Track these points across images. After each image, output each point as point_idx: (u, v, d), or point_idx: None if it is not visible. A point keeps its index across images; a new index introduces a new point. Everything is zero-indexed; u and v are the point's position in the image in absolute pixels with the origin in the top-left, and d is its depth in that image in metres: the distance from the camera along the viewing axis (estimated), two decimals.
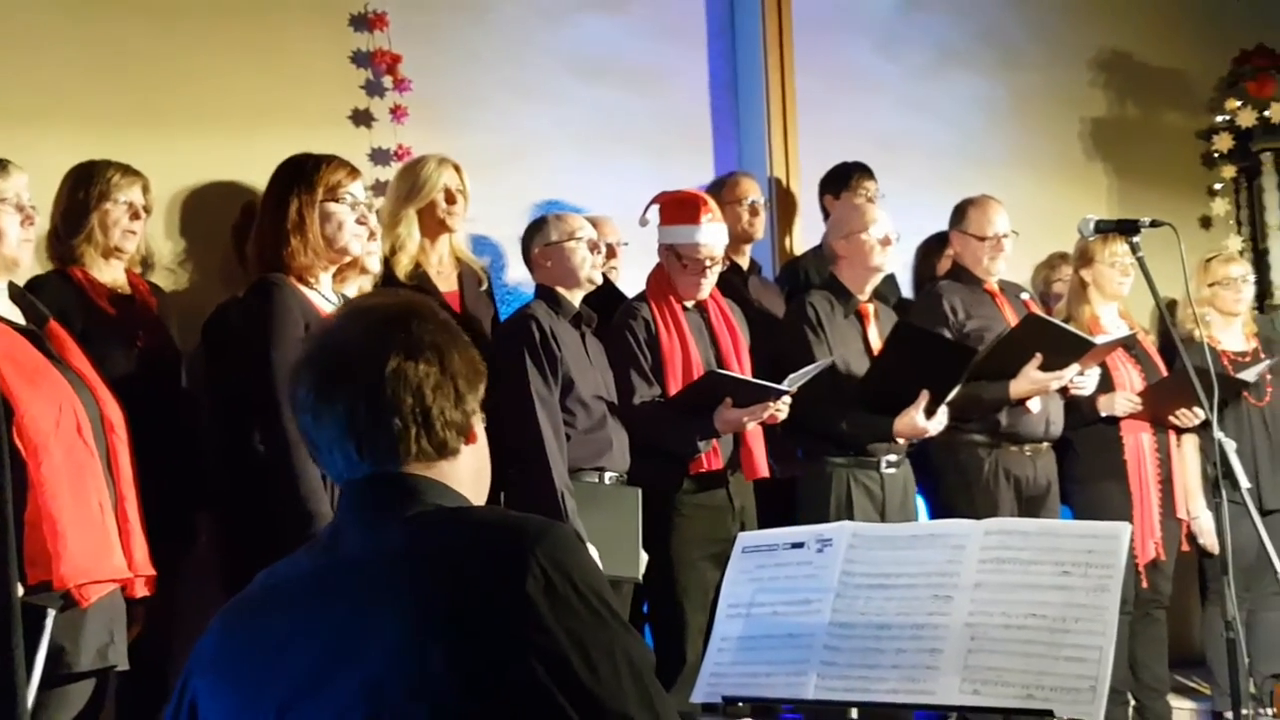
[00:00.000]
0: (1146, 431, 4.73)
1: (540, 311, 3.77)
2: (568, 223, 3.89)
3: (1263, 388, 4.98)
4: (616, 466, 3.80)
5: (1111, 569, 2.20)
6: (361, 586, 1.46)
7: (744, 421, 3.86)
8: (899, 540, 2.43)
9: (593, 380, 3.79)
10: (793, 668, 2.33)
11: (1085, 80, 6.57)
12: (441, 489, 1.55)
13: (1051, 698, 2.12)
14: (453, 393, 1.56)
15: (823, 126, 5.46)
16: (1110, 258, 4.73)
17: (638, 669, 1.41)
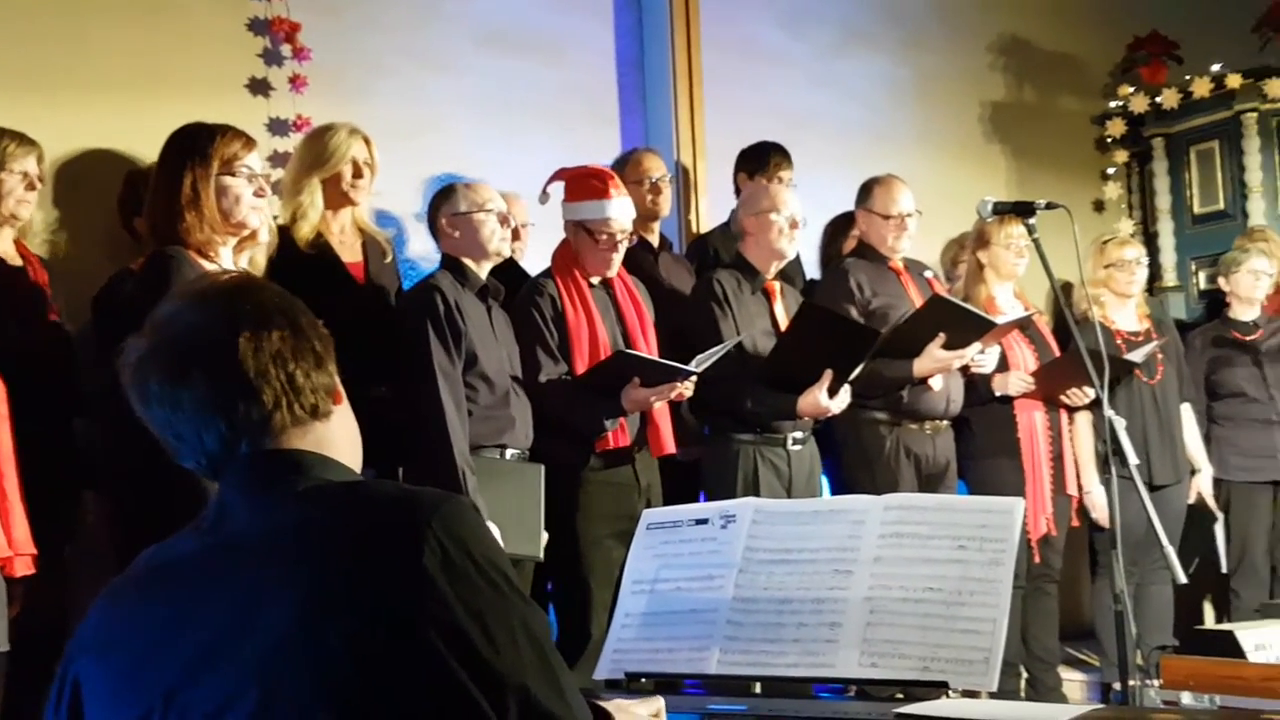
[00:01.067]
0: (1040, 410, 4.83)
1: (445, 283, 3.72)
2: (478, 193, 3.84)
3: (1153, 366, 5.11)
4: (519, 444, 3.78)
5: (1005, 543, 2.25)
6: (252, 565, 1.43)
7: (651, 401, 3.87)
8: (801, 516, 2.45)
9: (497, 355, 3.76)
10: (696, 643, 2.34)
11: (986, 64, 6.68)
12: (328, 463, 1.53)
13: (947, 669, 2.15)
14: (312, 355, 1.53)
15: (730, 103, 5.48)
16: (1006, 239, 4.82)
17: (537, 641, 1.41)
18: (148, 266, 3.02)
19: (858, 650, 2.23)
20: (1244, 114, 6.22)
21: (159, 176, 3.11)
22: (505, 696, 1.35)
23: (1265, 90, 6.15)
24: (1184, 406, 5.28)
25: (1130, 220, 6.70)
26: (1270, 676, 3.13)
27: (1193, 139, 6.49)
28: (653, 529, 2.56)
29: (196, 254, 3.02)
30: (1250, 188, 6.20)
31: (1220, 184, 6.36)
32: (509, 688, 1.36)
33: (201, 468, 1.54)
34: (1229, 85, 6.21)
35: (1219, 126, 6.37)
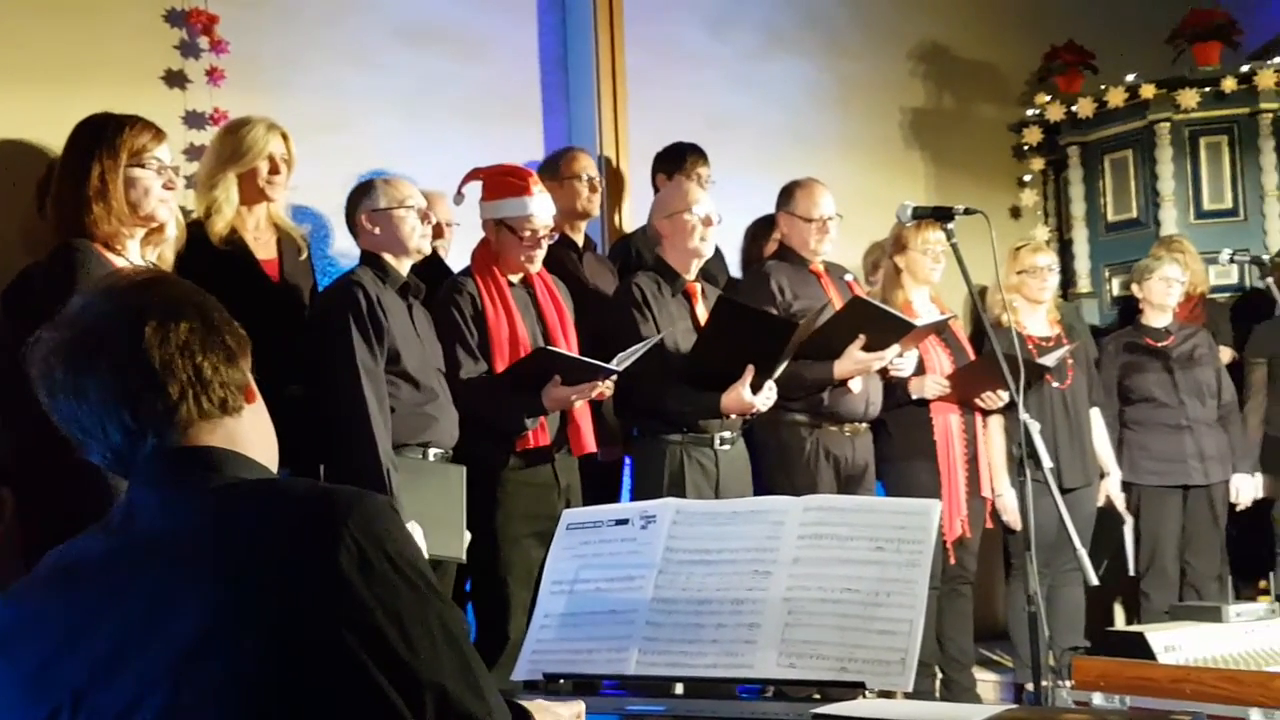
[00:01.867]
0: (955, 413, 4.88)
1: (366, 279, 3.67)
2: (397, 189, 3.79)
3: (1064, 371, 5.19)
4: (443, 443, 3.74)
5: (922, 544, 2.26)
6: (162, 565, 1.40)
7: (572, 400, 3.85)
8: (721, 517, 2.45)
9: (419, 353, 3.72)
10: (615, 644, 2.33)
11: (906, 70, 6.75)
12: (241, 460, 1.50)
13: (864, 670, 2.16)
14: (223, 349, 1.50)
15: (653, 104, 5.48)
16: (923, 244, 4.87)
17: (455, 641, 1.40)
18: (53, 259, 2.96)
19: (776, 651, 2.23)
20: (1157, 124, 6.35)
21: (65, 167, 3.04)
22: (422, 697, 1.34)
23: (1178, 101, 6.28)
24: (1093, 411, 5.38)
25: (1046, 227, 6.81)
26: (1179, 678, 3.19)
27: (1107, 148, 6.61)
28: (573, 529, 2.54)
29: (103, 247, 2.96)
30: (1163, 196, 6.32)
31: (1133, 192, 6.49)
32: (426, 688, 1.34)
33: (108, 462, 1.51)
34: (1143, 95, 6.34)
35: (1133, 136, 6.49)
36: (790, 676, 2.21)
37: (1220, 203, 6.36)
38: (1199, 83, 6.30)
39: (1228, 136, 6.36)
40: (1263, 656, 3.27)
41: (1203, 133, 6.38)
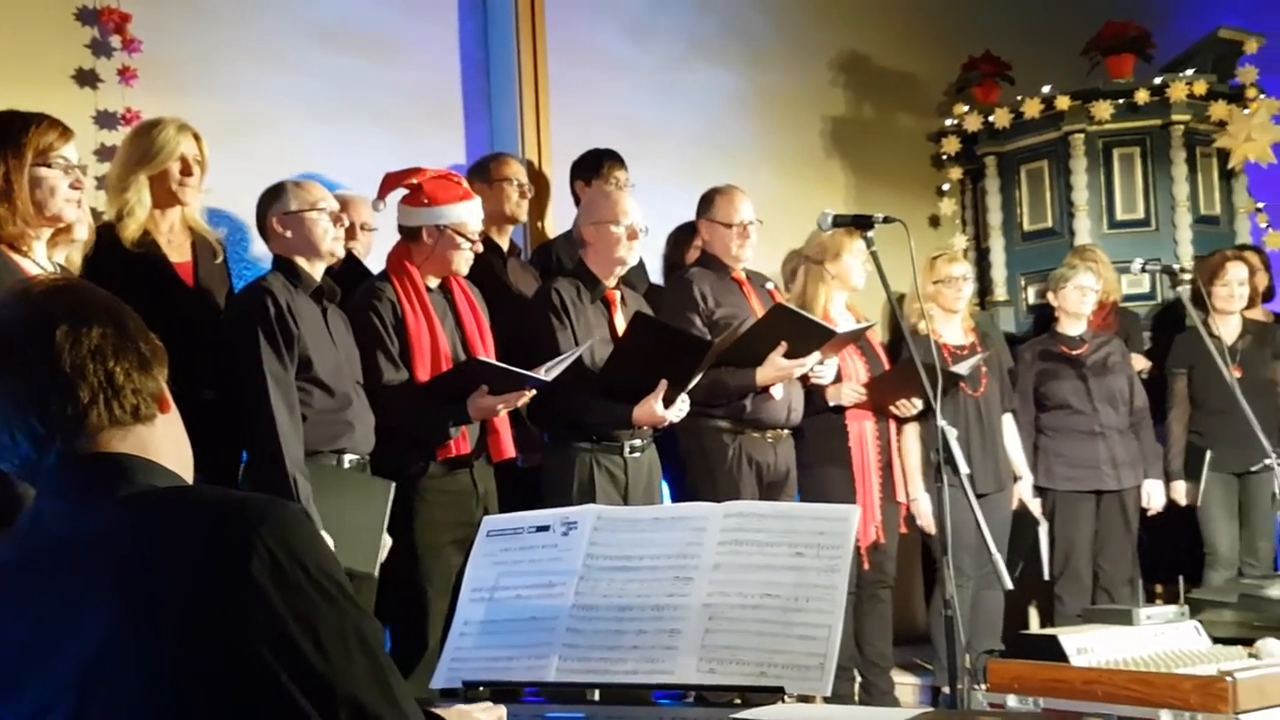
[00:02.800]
0: (870, 420, 4.93)
1: (276, 284, 3.61)
2: (309, 191, 3.73)
3: (978, 379, 5.26)
4: (358, 449, 3.70)
5: (841, 550, 2.28)
6: (69, 574, 1.37)
7: (498, 409, 3.83)
8: (642, 523, 2.45)
9: (333, 358, 3.67)
10: (535, 651, 2.32)
11: (826, 80, 6.81)
12: (152, 468, 1.47)
13: (783, 675, 2.17)
14: (136, 356, 1.48)
15: (575, 110, 5.47)
16: (852, 251, 4.90)
17: (370, 650, 1.38)
18: None
19: (696, 657, 2.23)
20: (1072, 135, 6.46)
21: None
22: (336, 706, 1.32)
23: (1092, 112, 6.40)
24: (1005, 417, 5.45)
25: (964, 236, 6.90)
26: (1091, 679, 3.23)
27: (1023, 158, 6.71)
28: (493, 536, 2.53)
29: (9, 248, 2.88)
30: (1077, 207, 6.43)
31: (1049, 202, 6.60)
32: (340, 698, 1.32)
33: (16, 470, 1.47)
34: (1058, 106, 6.44)
35: (1048, 146, 6.60)
36: (710, 682, 2.21)
37: (1133, 213, 6.49)
38: (1113, 95, 6.42)
39: (1140, 148, 6.49)
40: (1172, 658, 3.32)
41: (1116, 144, 6.50)
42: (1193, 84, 6.35)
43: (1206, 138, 6.51)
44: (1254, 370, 5.58)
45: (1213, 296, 5.75)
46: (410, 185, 3.97)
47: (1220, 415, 5.39)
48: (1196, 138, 6.49)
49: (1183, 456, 5.65)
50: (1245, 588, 4.00)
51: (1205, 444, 5.57)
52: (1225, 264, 5.82)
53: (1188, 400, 5.71)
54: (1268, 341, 5.67)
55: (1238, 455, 5.41)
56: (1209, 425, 5.58)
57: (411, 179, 3.98)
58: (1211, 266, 5.87)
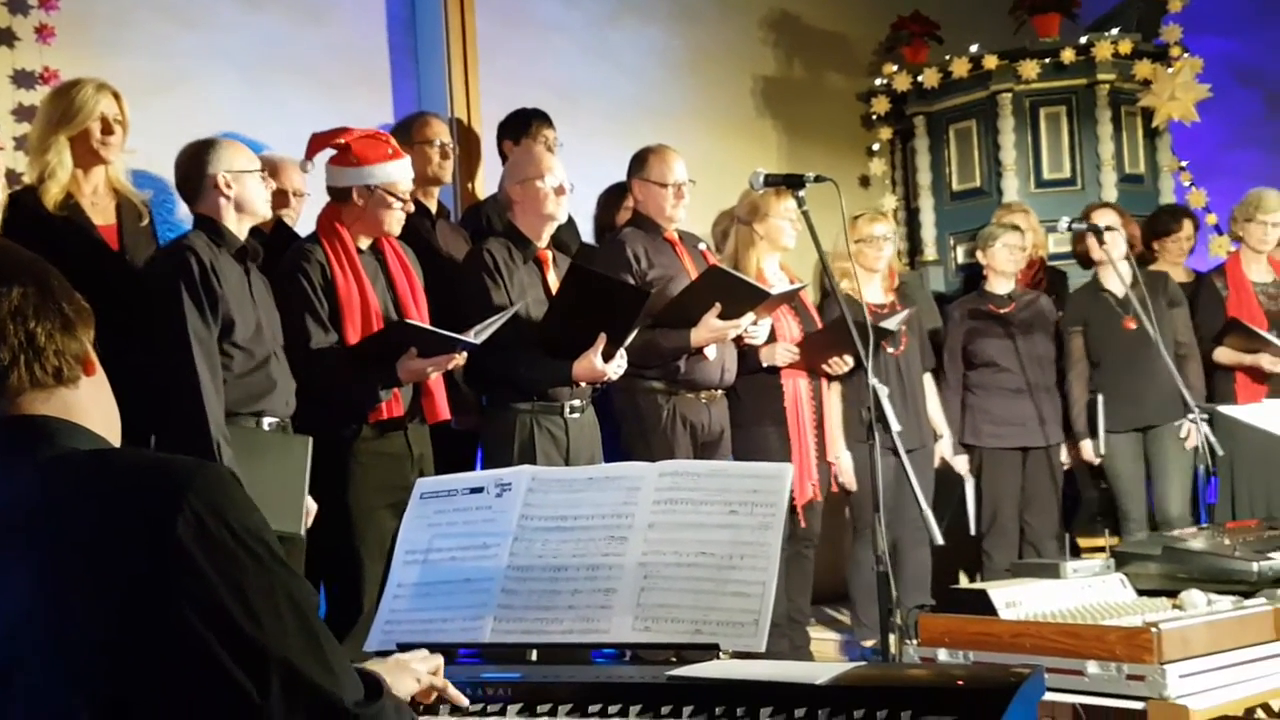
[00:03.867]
0: (803, 378, 4.96)
1: (199, 243, 3.55)
2: (242, 150, 3.67)
3: (898, 338, 5.30)
4: (278, 412, 3.65)
5: (775, 508, 2.29)
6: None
7: (428, 372, 3.80)
8: (576, 483, 2.44)
9: (254, 320, 3.61)
10: (470, 612, 2.32)
11: (756, 39, 6.79)
12: (76, 430, 1.45)
13: (718, 632, 2.18)
14: (59, 317, 1.45)
15: (504, 70, 5.42)
16: (785, 212, 4.91)
17: (301, 612, 1.37)
18: None
19: (631, 615, 2.24)
20: (999, 94, 6.51)
21: None
22: (267, 670, 1.31)
23: (1019, 71, 6.45)
24: (926, 376, 5.51)
25: (894, 196, 6.93)
26: (1020, 632, 3.28)
27: (952, 118, 6.75)
28: (426, 498, 2.51)
29: None
30: (1005, 166, 6.49)
31: (977, 162, 6.65)
32: (271, 661, 1.32)
33: None
34: (986, 66, 6.49)
35: (976, 106, 6.65)
36: (645, 640, 2.22)
37: (1059, 172, 6.56)
38: (1039, 54, 6.48)
39: (1066, 107, 6.56)
40: (1099, 610, 3.39)
41: (1043, 103, 6.57)
42: (1118, 43, 6.42)
43: (1131, 97, 6.58)
44: (1156, 319, 5.57)
45: (1165, 251, 5.88)
46: (338, 145, 3.92)
47: (1118, 371, 5.41)
48: (1121, 97, 6.56)
49: (1085, 415, 5.60)
50: (1169, 540, 4.08)
51: (1111, 402, 5.51)
52: (1182, 220, 5.93)
53: (1085, 358, 5.66)
54: (1160, 291, 5.57)
55: (1139, 411, 5.43)
56: (1107, 382, 5.55)
57: (339, 139, 3.92)
58: (1164, 222, 5.98)
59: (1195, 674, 3.10)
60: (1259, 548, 3.87)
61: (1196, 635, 3.17)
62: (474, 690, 2.08)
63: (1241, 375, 5.43)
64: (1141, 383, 5.21)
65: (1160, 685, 3.02)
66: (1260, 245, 5.52)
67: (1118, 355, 5.38)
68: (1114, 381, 5.49)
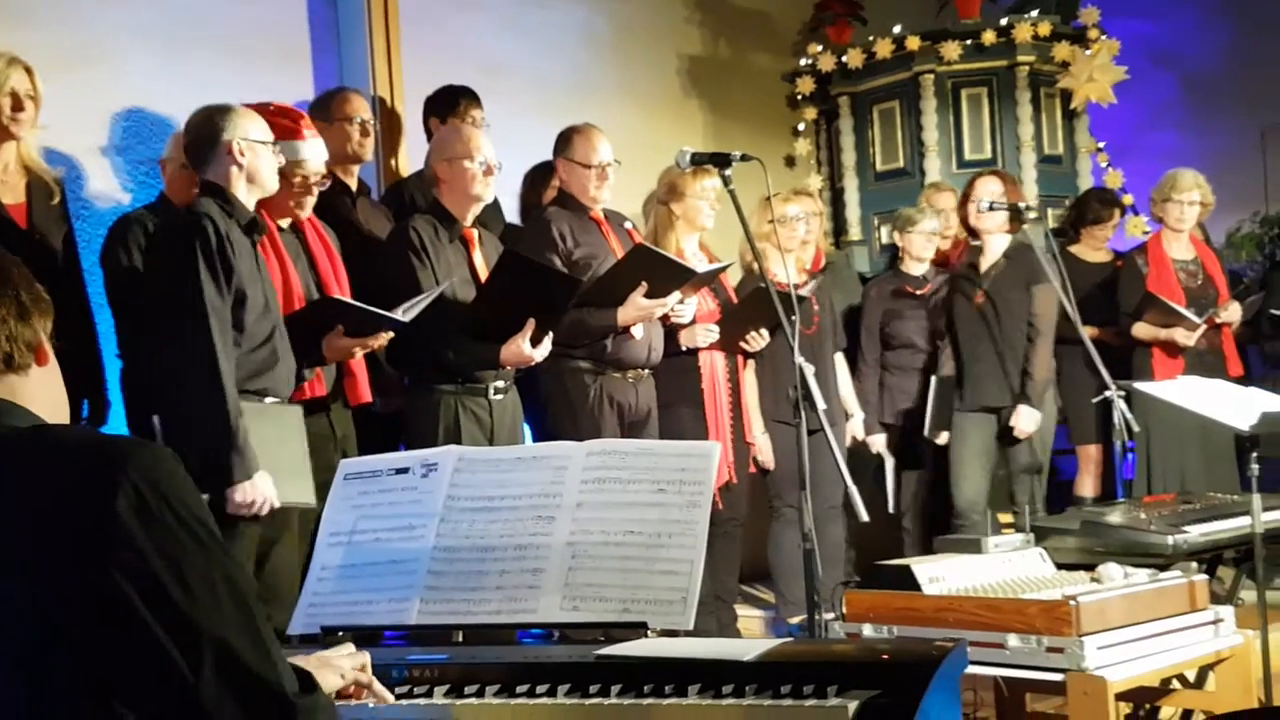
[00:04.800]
0: (721, 359, 4.97)
1: (214, 212, 3.42)
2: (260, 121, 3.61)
3: (810, 317, 5.32)
4: (279, 391, 3.57)
5: (703, 486, 2.30)
6: None
7: (354, 350, 3.75)
8: (503, 463, 2.44)
9: (261, 294, 3.52)
10: (396, 594, 2.30)
11: (682, 17, 6.78)
12: (19, 411, 1.46)
13: (646, 610, 2.19)
14: (15, 305, 1.46)
15: (427, 46, 5.36)
16: (700, 191, 4.91)
17: (239, 594, 1.38)
18: None
19: (559, 595, 2.24)
20: (922, 75, 6.55)
21: None
22: (200, 648, 1.32)
23: (941, 53, 6.50)
24: (837, 356, 5.54)
25: (819, 176, 6.96)
26: (943, 607, 3.33)
27: (876, 98, 6.79)
28: (350, 479, 2.48)
29: None
30: (928, 147, 6.54)
31: (900, 142, 6.70)
32: (205, 639, 1.33)
33: None
34: (909, 47, 6.52)
35: (899, 87, 6.69)
36: (573, 620, 2.22)
37: (980, 153, 6.62)
38: (961, 35, 6.52)
39: (987, 88, 6.62)
40: (1019, 584, 3.44)
41: (964, 84, 6.62)
42: (1037, 25, 6.49)
43: (1050, 78, 6.66)
44: (1006, 297, 5.28)
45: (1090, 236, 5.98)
46: None
47: (972, 349, 5.29)
48: (1041, 78, 6.64)
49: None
50: (1087, 514, 4.15)
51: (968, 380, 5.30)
52: (1114, 210, 6.05)
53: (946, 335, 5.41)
54: (1020, 264, 5.30)
55: (991, 390, 5.25)
56: (960, 361, 5.33)
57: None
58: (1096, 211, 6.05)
59: (1113, 645, 3.16)
60: (1174, 521, 3.96)
61: (1114, 608, 3.24)
62: (400, 672, 2.07)
63: (1159, 351, 5.51)
64: (994, 360, 5.22)
65: (1079, 657, 3.08)
66: (1178, 224, 5.62)
67: (968, 334, 5.36)
68: (967, 359, 5.34)
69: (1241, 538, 3.97)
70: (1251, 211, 7.64)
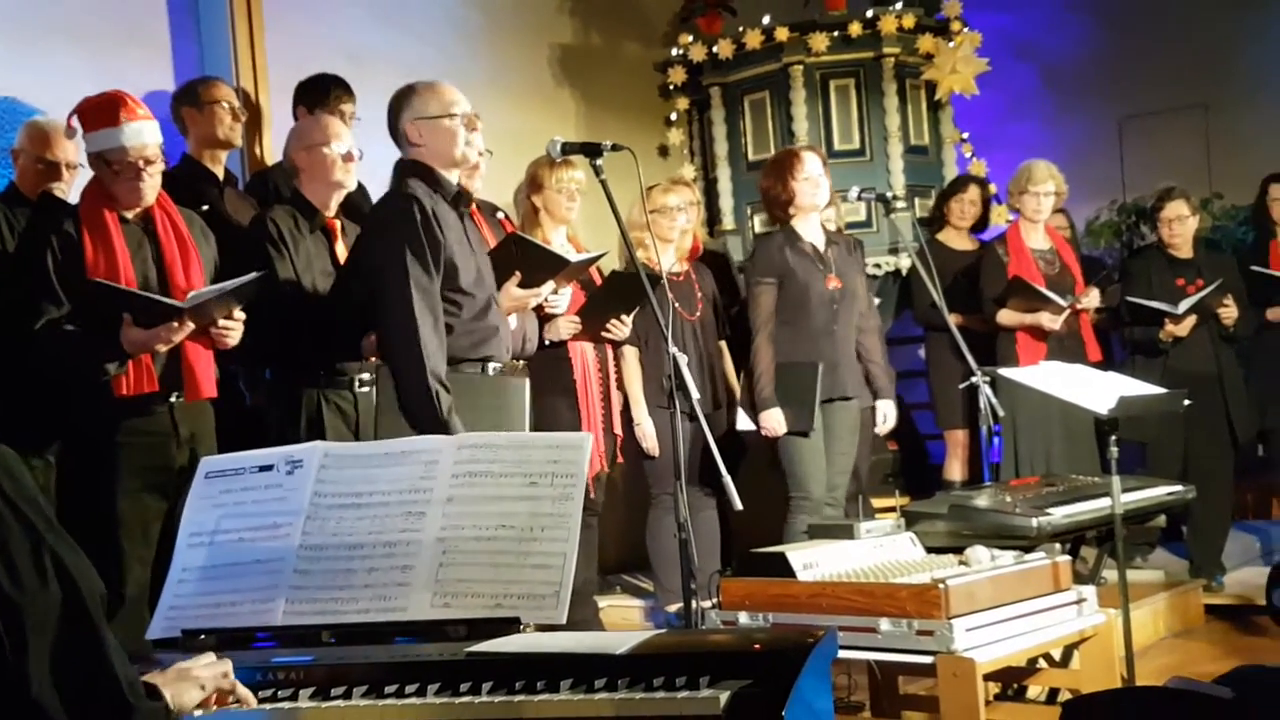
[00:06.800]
0: (591, 349, 4.95)
1: (420, 191, 3.52)
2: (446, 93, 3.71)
3: (694, 304, 5.34)
4: (500, 357, 3.67)
5: (576, 478, 2.28)
6: None
7: (154, 343, 3.59)
8: (373, 459, 2.39)
9: (474, 266, 3.63)
10: (259, 594, 2.24)
11: (553, 7, 6.75)
12: None
13: (519, 605, 2.17)
14: None
15: (292, 34, 5.25)
16: (559, 183, 4.88)
17: (73, 585, 1.35)
18: None
19: (430, 592, 2.20)
20: (791, 66, 6.60)
21: None
22: (24, 632, 1.30)
23: (810, 44, 6.55)
24: (721, 343, 5.57)
25: (692, 166, 6.98)
26: (816, 593, 3.37)
27: (746, 89, 6.83)
28: (212, 477, 2.42)
29: None
30: (798, 137, 6.59)
31: (771, 133, 6.74)
32: (29, 624, 1.30)
33: None
34: (778, 38, 6.57)
35: (769, 78, 6.73)
36: (444, 616, 2.18)
37: (849, 143, 6.70)
38: (828, 27, 6.59)
39: (855, 80, 6.69)
40: (890, 569, 3.50)
41: (832, 75, 6.69)
42: (901, 17, 6.58)
43: (915, 70, 6.77)
44: (849, 281, 5.16)
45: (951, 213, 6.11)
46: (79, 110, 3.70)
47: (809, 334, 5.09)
48: (906, 70, 6.74)
49: (774, 383, 5.04)
50: (955, 499, 4.23)
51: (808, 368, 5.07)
52: (968, 184, 6.20)
53: (773, 317, 5.10)
54: (853, 250, 5.29)
55: (824, 380, 5.03)
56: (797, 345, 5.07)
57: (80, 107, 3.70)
58: (953, 186, 6.22)
59: (981, 627, 3.23)
60: (1038, 504, 4.06)
61: (981, 590, 3.31)
62: (264, 675, 2.02)
63: (1022, 336, 5.63)
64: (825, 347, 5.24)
65: (948, 639, 3.14)
66: (1035, 215, 5.75)
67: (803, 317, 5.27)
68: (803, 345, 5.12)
69: (1103, 518, 4.09)
70: (1110, 200, 7.87)
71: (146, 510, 3.51)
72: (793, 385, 5.00)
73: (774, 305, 5.07)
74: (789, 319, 5.08)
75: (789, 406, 5.01)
